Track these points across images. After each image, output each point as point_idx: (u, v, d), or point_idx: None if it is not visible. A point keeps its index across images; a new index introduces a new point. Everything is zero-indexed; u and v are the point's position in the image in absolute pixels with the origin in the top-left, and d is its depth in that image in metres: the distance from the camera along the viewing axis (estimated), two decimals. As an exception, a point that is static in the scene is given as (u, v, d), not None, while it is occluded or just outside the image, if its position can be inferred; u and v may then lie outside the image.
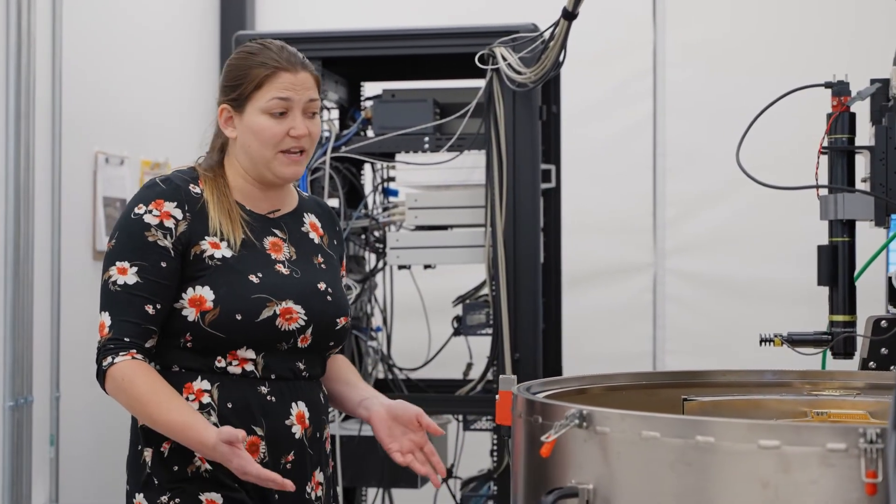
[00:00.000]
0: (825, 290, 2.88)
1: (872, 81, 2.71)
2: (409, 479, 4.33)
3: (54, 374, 4.58)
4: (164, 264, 2.65)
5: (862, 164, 2.79)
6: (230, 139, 2.81)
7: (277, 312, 2.69)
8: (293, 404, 2.75)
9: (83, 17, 4.84)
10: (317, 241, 2.89)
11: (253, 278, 2.70)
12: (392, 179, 4.60)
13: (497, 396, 2.31)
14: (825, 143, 2.75)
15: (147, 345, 2.66)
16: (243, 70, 2.76)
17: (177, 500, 2.66)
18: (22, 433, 4.32)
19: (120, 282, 2.64)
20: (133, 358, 2.62)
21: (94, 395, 2.65)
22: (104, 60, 5.03)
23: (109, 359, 2.63)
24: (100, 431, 4.81)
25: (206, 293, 2.66)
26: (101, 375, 2.65)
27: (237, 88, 2.76)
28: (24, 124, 4.35)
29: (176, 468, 2.68)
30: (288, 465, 2.74)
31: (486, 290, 4.29)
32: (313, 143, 2.79)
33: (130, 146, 5.16)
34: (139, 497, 2.71)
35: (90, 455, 4.81)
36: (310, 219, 2.91)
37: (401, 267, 4.54)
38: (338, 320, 2.81)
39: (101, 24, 5.02)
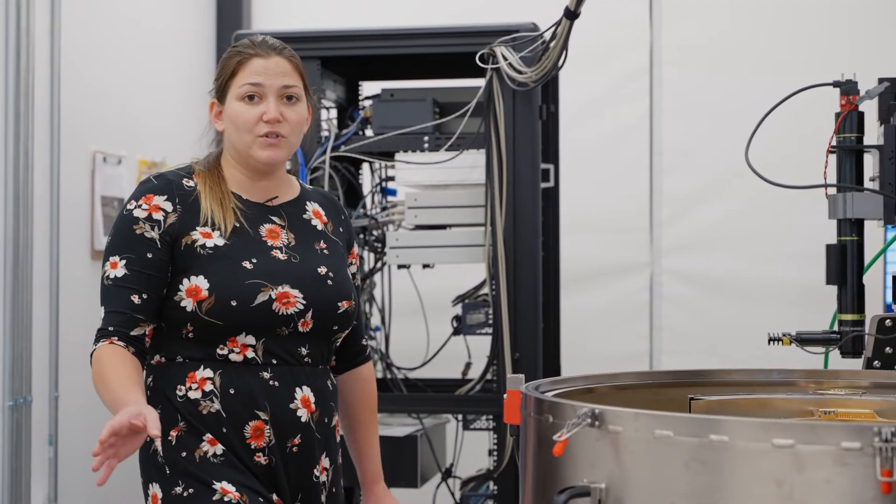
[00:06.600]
0: (820, 288, 2.88)
1: (880, 80, 2.71)
2: (409, 478, 4.32)
3: (53, 373, 4.57)
4: (150, 255, 2.71)
5: (870, 164, 2.79)
6: (224, 134, 2.86)
7: (273, 297, 2.72)
8: (297, 389, 2.77)
9: (81, 18, 4.83)
10: (320, 227, 2.91)
11: (246, 264, 2.73)
12: (391, 179, 4.59)
13: (504, 395, 2.31)
14: (833, 143, 2.75)
15: (133, 333, 2.70)
16: (224, 63, 2.85)
17: (190, 490, 2.69)
18: (21, 433, 4.31)
19: (111, 275, 2.72)
20: (111, 344, 2.67)
21: (92, 394, 2.66)
22: (102, 61, 5.03)
23: (93, 347, 2.70)
24: (98, 431, 4.71)
25: (200, 282, 2.70)
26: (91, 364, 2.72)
27: (218, 80, 2.84)
28: (23, 124, 4.34)
29: (184, 454, 2.71)
30: (294, 449, 2.76)
31: (485, 290, 4.28)
32: (293, 128, 2.81)
33: (128, 146, 5.16)
34: (154, 488, 2.74)
35: (89, 454, 4.70)
36: (313, 207, 2.94)
37: (400, 266, 4.53)
38: (339, 304, 2.82)
39: (99, 25, 5.02)
